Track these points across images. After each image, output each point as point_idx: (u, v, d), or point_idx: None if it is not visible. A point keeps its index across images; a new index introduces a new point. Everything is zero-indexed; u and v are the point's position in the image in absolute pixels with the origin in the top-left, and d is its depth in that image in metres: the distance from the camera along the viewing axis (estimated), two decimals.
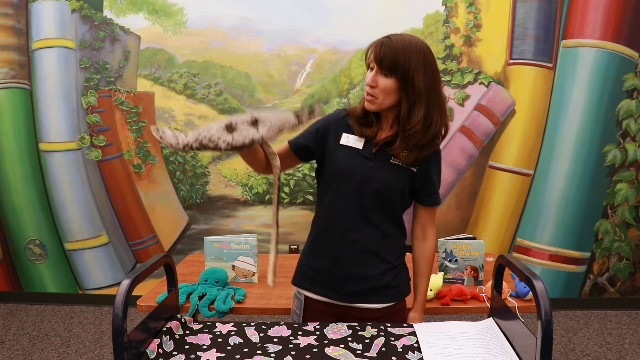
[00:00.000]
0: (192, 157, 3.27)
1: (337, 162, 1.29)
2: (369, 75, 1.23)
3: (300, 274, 1.41)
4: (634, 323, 3.04)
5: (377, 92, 1.22)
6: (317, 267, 1.35)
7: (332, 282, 1.33)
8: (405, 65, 1.17)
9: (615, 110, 3.07)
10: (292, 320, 1.44)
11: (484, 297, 1.71)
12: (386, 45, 1.19)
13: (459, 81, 3.10)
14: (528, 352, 0.89)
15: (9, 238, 3.36)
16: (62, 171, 3.26)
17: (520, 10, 3.03)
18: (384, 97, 1.22)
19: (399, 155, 1.27)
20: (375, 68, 1.21)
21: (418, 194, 1.36)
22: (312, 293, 1.36)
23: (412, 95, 1.20)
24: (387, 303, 1.35)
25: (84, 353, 2.65)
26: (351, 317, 1.33)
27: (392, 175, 1.28)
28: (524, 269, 0.92)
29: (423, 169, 1.31)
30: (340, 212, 1.30)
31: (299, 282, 1.40)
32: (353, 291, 1.32)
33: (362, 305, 1.33)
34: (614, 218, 3.18)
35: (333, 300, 1.34)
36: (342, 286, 1.32)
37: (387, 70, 1.19)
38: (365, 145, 1.29)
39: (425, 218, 1.40)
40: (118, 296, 0.88)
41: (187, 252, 3.27)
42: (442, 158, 1.46)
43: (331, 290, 1.33)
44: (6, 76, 3.18)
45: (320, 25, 3.12)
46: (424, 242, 1.40)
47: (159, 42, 3.17)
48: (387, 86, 1.20)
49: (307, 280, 1.37)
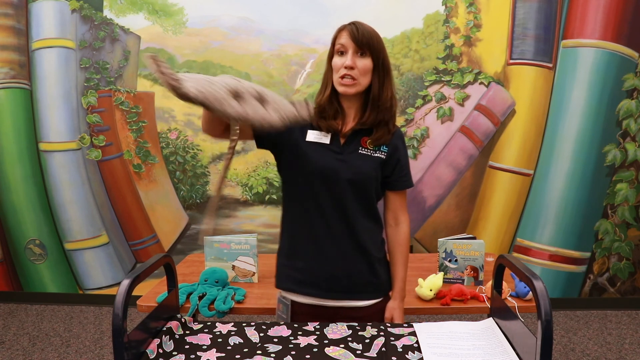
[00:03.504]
0: (192, 157, 3.27)
1: (307, 160, 1.28)
2: (345, 59, 1.25)
3: (282, 275, 1.38)
4: (634, 323, 3.04)
5: (356, 73, 1.25)
6: (299, 266, 1.33)
7: (316, 280, 1.31)
8: (378, 45, 1.26)
9: (615, 110, 3.07)
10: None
11: (484, 297, 1.71)
12: (361, 27, 1.25)
13: (459, 81, 3.10)
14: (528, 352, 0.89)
15: (9, 238, 3.36)
16: (62, 171, 3.26)
17: (520, 10, 3.03)
18: (362, 78, 1.26)
19: (365, 145, 1.30)
20: (351, 50, 1.25)
21: (389, 180, 1.35)
22: (298, 295, 1.34)
23: (382, 73, 1.28)
24: (374, 299, 1.35)
25: (84, 353, 2.65)
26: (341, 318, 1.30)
27: (362, 164, 1.29)
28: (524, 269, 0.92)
29: (390, 152, 1.32)
30: (316, 208, 1.29)
31: (282, 284, 1.38)
32: (338, 288, 1.31)
33: (349, 304, 1.33)
34: (614, 218, 3.18)
35: (320, 299, 1.32)
36: (327, 284, 1.31)
37: (366, 49, 1.24)
38: (332, 139, 1.30)
39: (397, 204, 1.39)
40: (118, 296, 0.87)
41: (187, 252, 3.27)
42: (442, 158, 1.47)
43: (317, 288, 1.31)
44: (6, 76, 3.18)
45: (320, 25, 3.12)
46: (396, 228, 1.39)
47: (159, 42, 3.17)
48: (365, 66, 1.25)
49: (291, 281, 1.35)
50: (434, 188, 3.18)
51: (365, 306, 1.34)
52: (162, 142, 3.26)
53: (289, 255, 1.36)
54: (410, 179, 1.39)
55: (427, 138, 3.13)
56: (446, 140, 3.13)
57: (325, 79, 1.35)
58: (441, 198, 3.20)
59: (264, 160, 3.25)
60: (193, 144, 3.26)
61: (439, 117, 3.13)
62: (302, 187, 1.31)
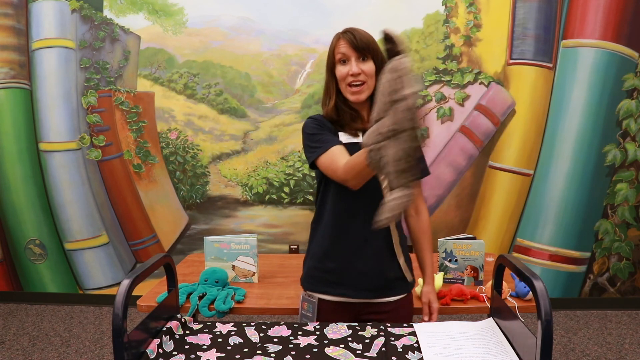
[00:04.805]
0: (192, 157, 3.27)
1: None
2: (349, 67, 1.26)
3: (312, 278, 1.40)
4: (634, 323, 3.04)
5: (364, 78, 1.27)
6: (331, 268, 1.34)
7: (349, 281, 1.33)
8: (376, 47, 1.27)
9: (615, 110, 3.07)
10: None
11: (484, 297, 1.71)
12: (357, 32, 1.27)
13: (459, 81, 3.10)
14: (528, 352, 0.89)
15: (9, 238, 3.36)
16: (62, 171, 3.26)
17: (520, 10, 3.03)
18: (371, 81, 1.28)
19: None
20: (353, 57, 1.26)
21: None
22: (328, 295, 1.36)
23: None
24: (400, 295, 1.38)
25: (84, 353, 2.65)
26: (365, 313, 1.35)
27: None
28: (524, 269, 0.92)
29: None
30: (351, 209, 1.30)
31: (312, 286, 1.39)
32: (370, 287, 1.33)
33: (377, 300, 1.35)
34: (614, 218, 3.18)
35: (350, 298, 1.34)
36: (359, 283, 1.33)
37: (367, 53, 1.26)
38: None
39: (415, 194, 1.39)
40: (118, 296, 0.87)
41: (187, 252, 3.27)
42: (442, 158, 1.48)
43: (349, 289, 1.34)
44: (6, 76, 3.18)
45: (320, 25, 3.12)
46: (418, 217, 1.42)
47: (159, 42, 3.17)
48: (370, 69, 1.27)
49: (322, 283, 1.37)
50: (434, 188, 3.18)
51: (391, 301, 1.37)
52: (162, 142, 3.26)
53: (320, 257, 1.37)
54: (426, 167, 1.42)
55: (427, 138, 3.13)
56: (446, 140, 3.13)
57: (328, 89, 1.35)
58: (441, 198, 3.20)
59: (264, 160, 3.25)
60: (193, 144, 3.26)
61: (439, 117, 3.13)
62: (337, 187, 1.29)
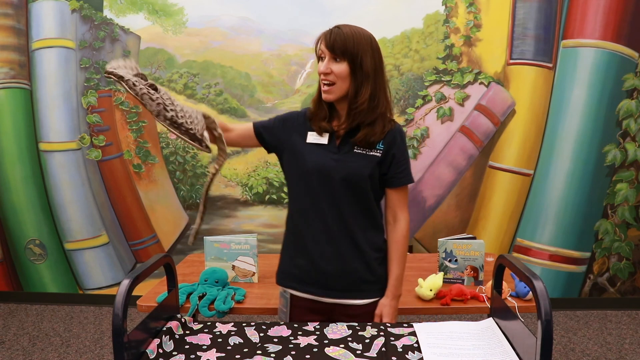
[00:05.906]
0: (192, 157, 3.27)
1: (304, 160, 1.32)
2: (321, 65, 1.28)
3: (283, 273, 1.43)
4: (634, 323, 3.04)
5: (333, 78, 1.26)
6: (300, 264, 1.36)
7: (316, 278, 1.34)
8: (355, 49, 1.24)
9: (615, 110, 3.07)
10: (279, 319, 1.45)
11: (484, 297, 1.71)
12: (335, 32, 1.26)
13: (459, 81, 3.10)
14: (528, 352, 0.89)
15: (9, 238, 3.36)
16: (62, 171, 3.26)
17: (520, 10, 3.03)
18: (341, 83, 1.27)
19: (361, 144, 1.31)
20: (327, 56, 1.26)
21: (386, 177, 1.35)
22: (298, 291, 1.38)
23: (360, 76, 1.27)
24: (370, 298, 1.37)
25: (84, 353, 2.65)
26: (338, 314, 1.35)
27: (357, 163, 1.30)
28: (524, 269, 0.92)
29: (386, 150, 1.32)
30: (314, 208, 1.32)
31: (283, 281, 1.42)
32: (337, 287, 1.34)
33: (347, 302, 1.34)
34: (614, 218, 3.18)
35: (319, 297, 1.35)
36: (326, 282, 1.34)
37: (339, 54, 1.25)
38: (329, 140, 1.33)
39: (395, 201, 1.38)
40: (118, 296, 0.88)
41: (187, 252, 3.27)
42: (442, 158, 1.48)
43: (316, 287, 1.35)
44: (6, 76, 3.18)
45: (320, 25, 3.08)
46: (394, 226, 1.38)
47: (159, 42, 3.17)
48: (341, 71, 1.26)
49: (292, 278, 1.39)
50: (434, 188, 3.18)
51: (361, 304, 1.35)
52: (162, 142, 3.26)
53: (291, 253, 1.40)
54: (409, 176, 1.37)
55: (427, 138, 3.13)
56: (446, 140, 3.13)
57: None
58: (441, 198, 3.20)
59: (264, 160, 3.25)
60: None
61: (439, 117, 3.13)
62: (301, 186, 1.34)
